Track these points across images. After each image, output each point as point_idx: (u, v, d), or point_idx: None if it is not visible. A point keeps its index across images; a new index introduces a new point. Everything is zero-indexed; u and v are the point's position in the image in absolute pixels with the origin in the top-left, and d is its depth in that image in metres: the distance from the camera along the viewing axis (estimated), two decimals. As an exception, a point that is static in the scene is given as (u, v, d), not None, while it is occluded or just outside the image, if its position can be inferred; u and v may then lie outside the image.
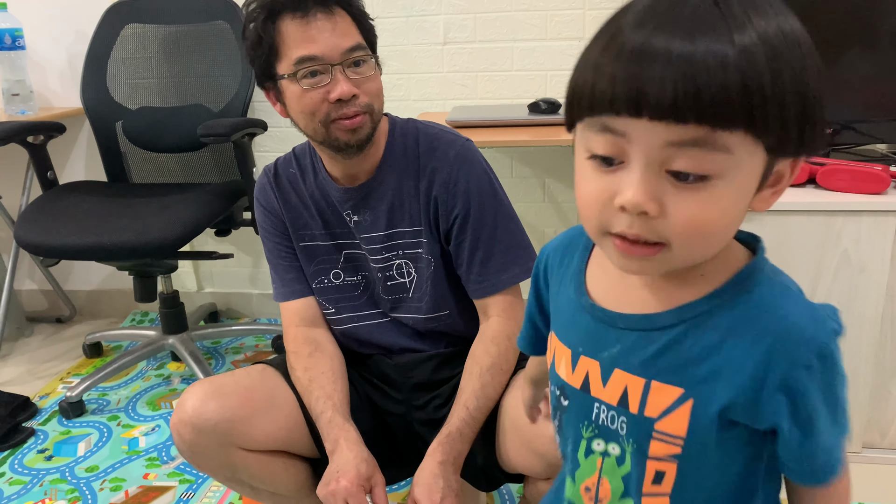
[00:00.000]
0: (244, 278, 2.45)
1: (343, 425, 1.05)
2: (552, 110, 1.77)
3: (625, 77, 0.49)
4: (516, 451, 1.03)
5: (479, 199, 1.09)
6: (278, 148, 2.26)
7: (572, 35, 2.02)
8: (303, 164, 1.17)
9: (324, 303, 1.18)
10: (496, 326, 1.10)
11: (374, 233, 1.12)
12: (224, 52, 2.06)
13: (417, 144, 1.11)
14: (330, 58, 0.99)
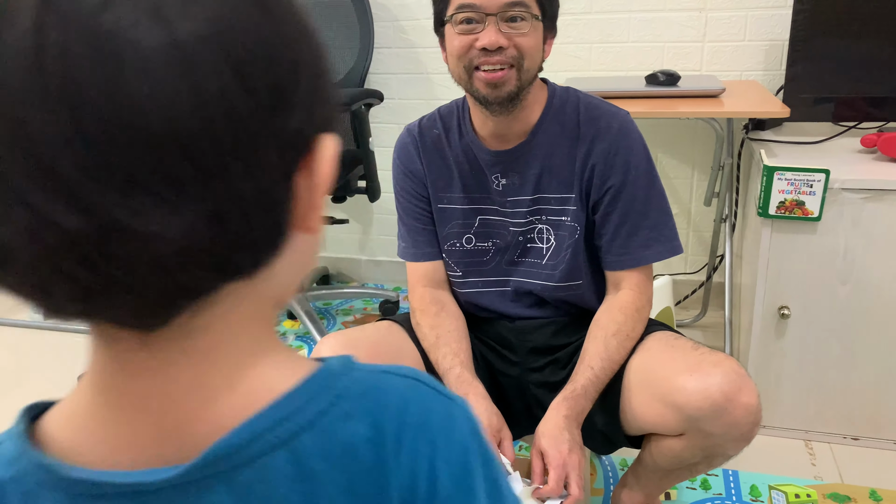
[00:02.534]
0: (354, 244, 2.55)
1: (472, 381, 1.09)
2: (671, 82, 1.73)
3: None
4: (648, 406, 1.05)
5: (636, 173, 1.10)
6: (392, 119, 2.32)
7: (692, 6, 1.96)
8: (448, 124, 1.19)
9: (452, 265, 1.22)
10: (626, 298, 1.12)
11: (521, 196, 1.15)
12: (344, 23, 2.13)
13: (578, 112, 1.12)
14: (486, 7, 1.00)
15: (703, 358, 1.02)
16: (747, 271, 1.75)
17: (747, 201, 1.85)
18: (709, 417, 0.96)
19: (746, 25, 1.94)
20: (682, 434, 1.02)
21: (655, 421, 1.04)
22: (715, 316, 2.15)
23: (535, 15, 1.03)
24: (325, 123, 0.37)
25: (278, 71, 0.33)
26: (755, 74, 1.98)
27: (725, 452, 1.03)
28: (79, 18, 0.29)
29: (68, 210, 0.29)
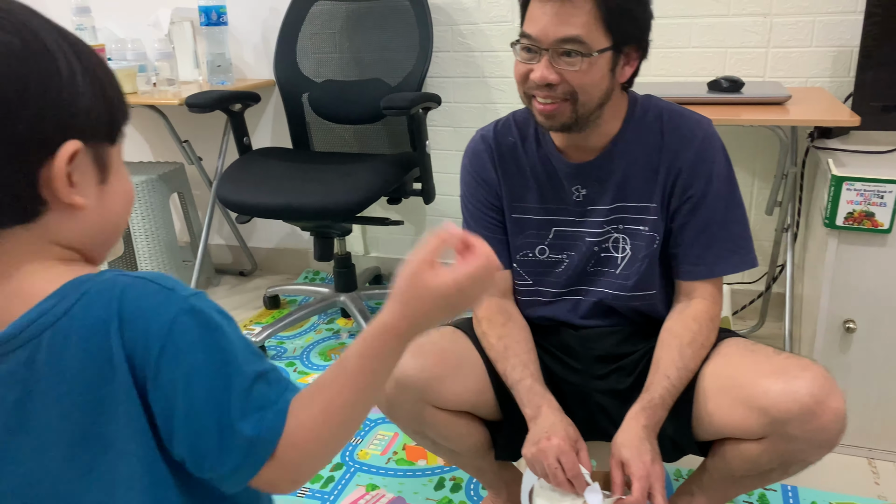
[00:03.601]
0: (407, 245, 2.58)
1: (544, 393, 1.10)
2: (734, 88, 1.70)
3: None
4: (728, 410, 1.04)
5: (718, 183, 1.10)
6: (448, 122, 2.34)
7: (757, 11, 1.92)
8: (524, 132, 1.18)
9: (523, 274, 1.21)
10: (700, 307, 1.12)
11: (600, 205, 1.14)
12: (403, 28, 2.16)
13: (661, 120, 1.12)
14: (541, 42, 1.00)
15: (790, 361, 1.01)
16: (810, 283, 1.70)
17: (811, 211, 1.80)
18: (796, 421, 0.96)
19: (814, 31, 1.90)
20: (763, 438, 1.01)
21: (736, 425, 1.03)
22: (772, 327, 2.10)
23: (596, 50, 1.00)
24: (59, 130, 0.50)
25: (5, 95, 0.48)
26: (821, 81, 1.93)
27: (806, 459, 1.02)
28: None
29: None
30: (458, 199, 2.38)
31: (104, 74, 0.55)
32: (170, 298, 0.53)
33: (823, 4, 1.87)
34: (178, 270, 2.47)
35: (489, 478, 1.30)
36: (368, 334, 0.59)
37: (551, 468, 1.00)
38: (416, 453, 1.63)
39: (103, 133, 0.55)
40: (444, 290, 0.58)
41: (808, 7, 1.88)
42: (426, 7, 2.10)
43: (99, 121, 0.53)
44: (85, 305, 0.52)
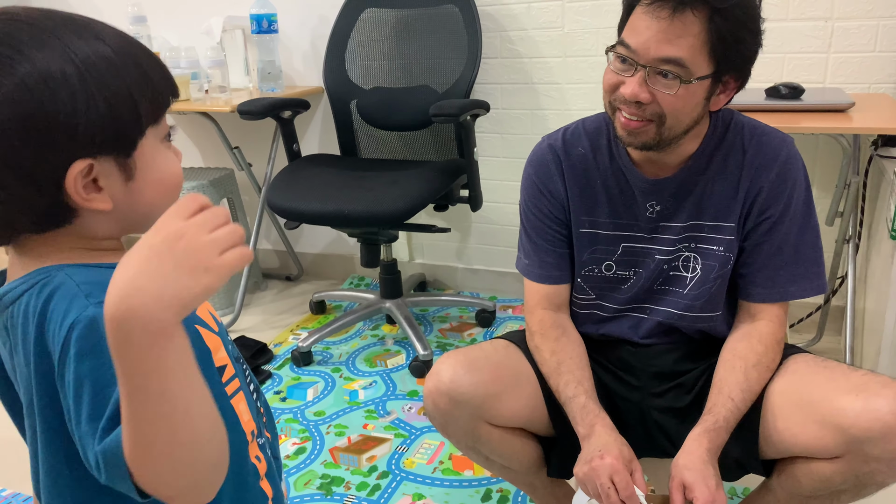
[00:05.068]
0: (451, 252, 2.57)
1: (598, 412, 1.07)
2: (794, 95, 1.65)
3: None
4: (801, 428, 1.00)
5: (796, 205, 1.06)
6: (495, 129, 2.32)
7: (817, 15, 1.87)
8: (596, 142, 1.13)
9: (587, 289, 1.18)
10: (765, 329, 1.09)
11: (674, 223, 1.11)
12: (451, 34, 2.15)
13: (742, 137, 1.08)
14: (639, 56, 0.96)
15: (869, 378, 0.97)
16: (873, 296, 1.64)
17: (875, 222, 1.74)
18: (876, 440, 0.92)
19: (877, 35, 1.83)
20: (837, 458, 0.97)
21: (808, 443, 0.99)
22: (831, 341, 2.03)
23: (697, 77, 0.95)
24: (64, 156, 0.55)
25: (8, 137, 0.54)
26: (886, 87, 1.86)
27: (883, 481, 0.98)
28: None
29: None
30: (505, 206, 2.40)
31: (107, 78, 0.56)
32: (74, 304, 0.55)
33: (888, 8, 1.80)
34: (227, 274, 2.50)
35: (541, 494, 1.28)
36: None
37: (604, 488, 0.98)
38: (463, 463, 1.61)
39: (111, 146, 0.57)
40: (145, 239, 0.49)
41: (872, 10, 1.82)
42: (475, 13, 2.10)
43: (105, 137, 0.56)
44: (32, 293, 0.58)
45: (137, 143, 0.59)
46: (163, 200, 0.61)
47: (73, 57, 0.55)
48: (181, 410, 0.49)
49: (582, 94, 2.19)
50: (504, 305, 2.43)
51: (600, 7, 2.06)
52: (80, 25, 0.57)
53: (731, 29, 0.93)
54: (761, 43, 0.99)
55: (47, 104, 0.53)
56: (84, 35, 0.56)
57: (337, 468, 1.63)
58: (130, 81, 0.57)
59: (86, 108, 0.54)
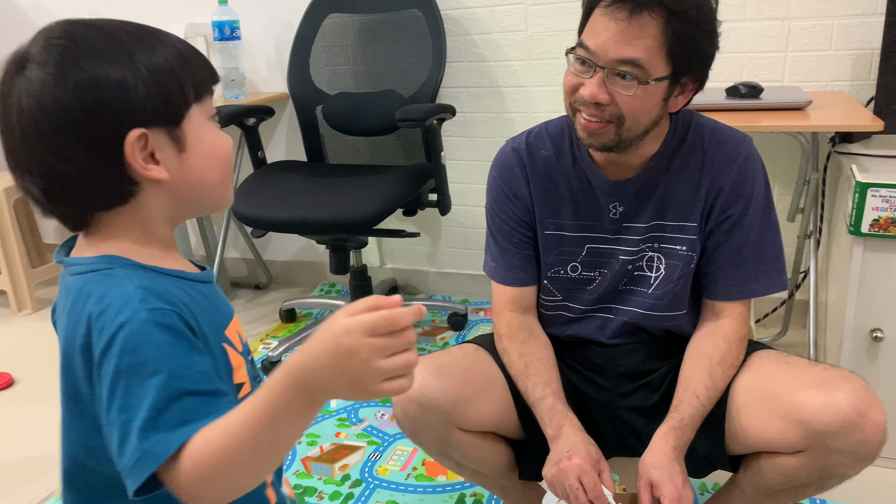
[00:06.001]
0: (422, 256, 2.57)
1: (566, 413, 1.08)
2: (753, 94, 1.68)
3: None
4: (765, 424, 1.01)
5: (756, 204, 1.07)
6: (463, 133, 2.33)
7: (774, 15, 1.90)
8: (559, 145, 1.13)
9: (554, 290, 1.18)
10: (729, 327, 1.10)
11: (637, 223, 1.11)
12: (416, 39, 2.15)
13: (703, 138, 1.08)
14: (597, 57, 0.96)
15: (829, 373, 0.99)
16: (835, 290, 1.67)
17: (834, 217, 1.77)
18: (837, 433, 0.94)
19: (833, 34, 1.87)
20: (801, 451, 0.99)
21: (773, 438, 1.01)
22: (796, 335, 2.07)
23: (654, 78, 0.95)
24: (120, 127, 0.62)
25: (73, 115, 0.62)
26: (842, 85, 1.90)
27: (844, 473, 1.00)
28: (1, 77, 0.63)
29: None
30: (475, 209, 2.40)
31: (155, 63, 0.64)
32: (129, 305, 0.61)
33: (842, 7, 1.84)
34: (195, 285, 2.47)
35: (513, 497, 1.28)
36: (274, 381, 0.56)
37: (572, 489, 0.98)
38: (436, 469, 1.61)
39: (162, 117, 0.64)
40: (337, 329, 0.54)
41: (827, 10, 1.86)
42: (439, 17, 2.10)
43: (155, 109, 0.63)
44: (94, 277, 0.64)
45: (184, 115, 0.65)
46: (213, 173, 0.68)
47: (127, 52, 0.63)
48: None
49: (547, 97, 2.20)
50: (476, 308, 2.43)
51: (563, 10, 2.08)
52: (138, 29, 0.66)
53: (687, 31, 0.94)
54: (718, 45, 1.00)
55: (102, 83, 0.61)
56: (140, 37, 0.65)
57: (309, 478, 1.62)
58: (173, 62, 0.65)
59: (135, 83, 0.62)
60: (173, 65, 0.65)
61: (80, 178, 0.63)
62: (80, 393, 0.63)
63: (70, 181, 0.63)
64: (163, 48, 0.65)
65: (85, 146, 0.61)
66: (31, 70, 0.61)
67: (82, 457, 0.67)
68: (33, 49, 0.62)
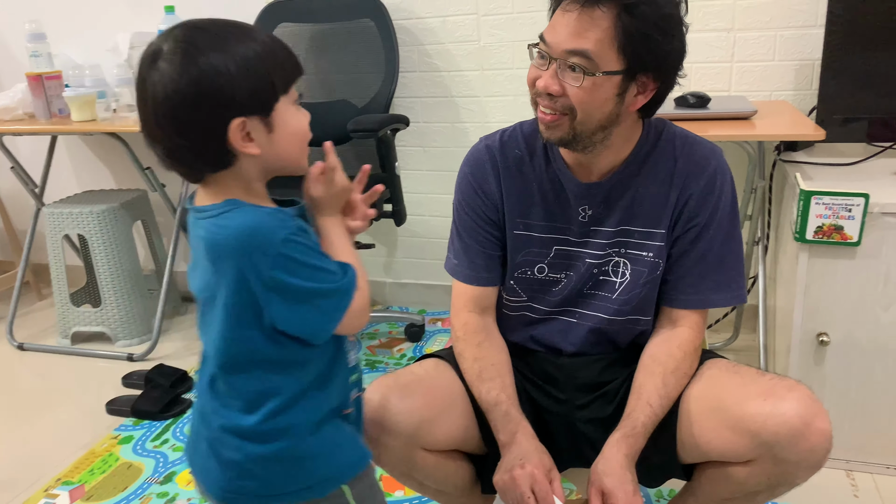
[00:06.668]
0: (379, 267, 2.54)
1: (520, 419, 1.07)
2: (701, 104, 1.71)
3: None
4: (715, 434, 1.02)
5: (722, 214, 1.08)
6: (417, 142, 2.32)
7: (721, 26, 1.94)
8: (533, 146, 1.13)
9: (519, 291, 1.17)
10: (685, 335, 1.11)
11: (604, 227, 1.11)
12: (368, 49, 2.14)
13: (674, 146, 1.09)
14: (551, 49, 0.98)
15: (776, 383, 1.00)
16: (783, 295, 1.71)
17: (780, 224, 1.81)
18: (785, 443, 0.95)
19: (776, 45, 1.92)
20: (751, 461, 1.00)
21: (723, 448, 1.01)
22: (747, 339, 2.11)
23: (603, 71, 0.95)
24: (228, 114, 0.78)
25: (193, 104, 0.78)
26: (785, 94, 1.95)
27: (793, 481, 1.01)
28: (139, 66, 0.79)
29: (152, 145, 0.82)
30: (431, 219, 2.39)
31: (257, 64, 0.78)
32: (281, 225, 0.80)
33: (784, 19, 1.89)
34: (143, 300, 2.40)
35: (473, 512, 1.27)
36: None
37: (523, 497, 0.98)
38: (394, 484, 1.58)
39: (256, 107, 0.79)
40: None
41: (770, 22, 1.90)
42: (391, 27, 2.09)
43: (251, 100, 0.79)
44: (230, 214, 0.81)
45: (273, 106, 0.81)
46: (293, 148, 0.85)
47: (232, 53, 0.77)
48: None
49: (501, 107, 2.21)
50: (433, 318, 2.42)
51: (515, 20, 2.09)
52: (240, 29, 0.80)
53: (640, 26, 0.94)
54: (681, 46, 0.99)
55: (214, 79, 0.76)
56: (242, 37, 0.79)
57: (263, 497, 1.58)
58: (268, 64, 0.79)
59: (238, 81, 0.77)
60: (268, 66, 0.80)
61: (193, 149, 0.79)
62: (250, 300, 0.80)
63: (187, 151, 0.80)
64: (259, 48, 0.79)
65: (199, 127, 0.78)
66: (162, 64, 0.76)
67: (244, 350, 0.84)
68: (164, 46, 0.77)
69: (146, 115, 0.79)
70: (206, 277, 0.83)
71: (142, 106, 0.79)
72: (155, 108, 0.78)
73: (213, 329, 0.84)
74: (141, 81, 0.79)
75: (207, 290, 0.83)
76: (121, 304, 2.34)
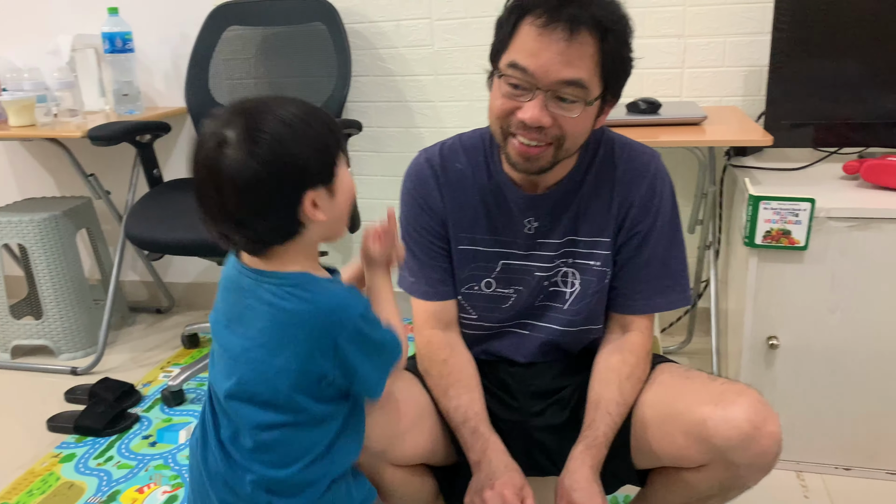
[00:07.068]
0: (333, 275, 2.50)
1: (489, 436, 1.05)
2: (652, 110, 1.72)
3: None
4: (668, 440, 1.02)
5: (664, 219, 1.08)
6: (371, 147, 2.29)
7: (672, 32, 1.96)
8: (474, 160, 1.10)
9: (469, 308, 1.16)
10: (636, 340, 1.10)
11: (552, 239, 1.09)
12: (320, 52, 2.10)
13: (613, 153, 1.07)
14: (538, 80, 0.92)
15: (726, 388, 1.00)
16: (734, 299, 1.73)
17: (731, 228, 1.83)
18: (736, 448, 0.95)
19: (725, 51, 1.94)
20: (704, 466, 1.00)
21: (676, 454, 1.01)
22: (700, 342, 2.13)
23: (594, 97, 0.94)
24: (301, 188, 0.83)
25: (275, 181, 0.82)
26: (735, 100, 1.98)
27: (745, 484, 1.02)
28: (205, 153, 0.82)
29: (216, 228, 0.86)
30: (385, 226, 2.35)
31: (317, 139, 0.83)
32: (352, 302, 0.87)
33: (733, 26, 1.92)
34: (88, 311, 2.32)
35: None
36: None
37: None
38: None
39: (324, 178, 0.84)
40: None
41: (719, 28, 1.93)
42: (343, 31, 2.05)
43: (321, 172, 0.83)
44: (293, 290, 0.86)
45: (336, 173, 0.86)
46: (347, 205, 0.88)
47: (294, 131, 0.81)
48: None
49: (456, 112, 2.19)
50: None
51: (468, 26, 2.07)
52: (294, 104, 0.83)
53: (619, 49, 0.94)
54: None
55: (287, 162, 0.80)
56: (300, 112, 0.82)
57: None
58: (328, 138, 0.84)
59: (307, 160, 0.82)
60: (328, 141, 0.84)
61: (266, 226, 0.83)
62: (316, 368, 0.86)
63: (264, 230, 0.84)
64: (317, 121, 0.83)
65: (278, 205, 0.82)
66: (230, 151, 0.79)
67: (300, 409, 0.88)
68: (230, 134, 0.79)
69: (220, 202, 0.81)
70: (260, 340, 0.86)
71: (212, 195, 0.81)
72: (232, 195, 0.80)
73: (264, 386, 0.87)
74: (207, 170, 0.81)
75: (258, 352, 0.86)
76: (64, 315, 2.26)
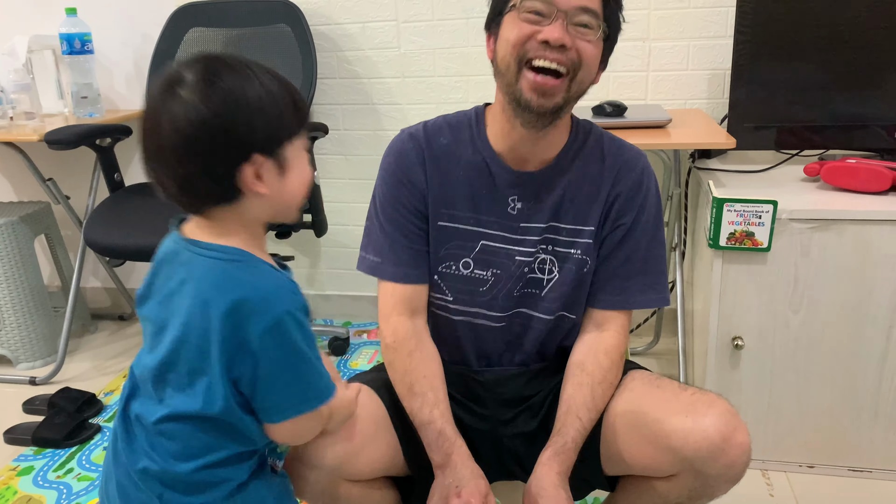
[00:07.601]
0: (301, 279, 2.47)
1: (454, 439, 1.02)
2: (618, 113, 1.73)
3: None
4: (638, 449, 1.01)
5: (648, 215, 1.08)
6: (337, 150, 2.27)
7: (636, 35, 1.97)
8: (459, 136, 1.09)
9: (444, 288, 1.12)
10: (612, 341, 1.09)
11: (535, 223, 1.07)
12: (285, 54, 2.07)
13: (602, 143, 1.08)
14: (559, 3, 0.94)
15: (696, 398, 1.00)
16: (700, 300, 1.74)
17: (696, 230, 1.85)
18: (706, 458, 0.94)
19: (689, 55, 1.96)
20: (673, 475, 0.99)
21: (646, 463, 1.01)
22: (668, 343, 2.15)
23: (604, 31, 0.97)
24: (244, 151, 0.78)
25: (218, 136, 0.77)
26: (699, 103, 2.00)
27: (713, 493, 1.01)
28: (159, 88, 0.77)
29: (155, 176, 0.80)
30: (354, 229, 2.34)
31: (276, 107, 0.78)
32: (282, 299, 0.80)
33: (696, 29, 1.94)
34: (48, 319, 2.26)
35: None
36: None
37: None
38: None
39: (272, 148, 0.79)
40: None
41: (683, 32, 1.95)
42: (308, 33, 2.03)
43: (270, 141, 0.79)
44: (233, 265, 0.81)
45: (287, 148, 0.81)
46: (298, 196, 0.84)
47: (256, 87, 0.77)
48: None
49: (423, 115, 2.16)
50: (358, 331, 2.37)
51: (435, 28, 2.07)
52: (260, 66, 0.80)
53: (615, 4, 0.98)
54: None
55: (239, 114, 0.76)
56: (264, 73, 0.79)
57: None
58: (286, 103, 0.79)
59: (261, 119, 0.77)
60: (288, 115, 0.80)
61: (205, 179, 0.78)
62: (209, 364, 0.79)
63: (198, 180, 0.78)
64: (279, 86, 0.79)
65: (216, 157, 0.77)
66: (184, 92, 0.75)
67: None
68: (186, 74, 0.75)
69: (159, 141, 0.76)
70: (185, 313, 0.80)
71: (154, 132, 0.77)
72: (173, 135, 0.75)
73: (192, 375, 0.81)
74: (155, 107, 0.76)
75: (185, 328, 0.80)
76: (22, 323, 2.19)
